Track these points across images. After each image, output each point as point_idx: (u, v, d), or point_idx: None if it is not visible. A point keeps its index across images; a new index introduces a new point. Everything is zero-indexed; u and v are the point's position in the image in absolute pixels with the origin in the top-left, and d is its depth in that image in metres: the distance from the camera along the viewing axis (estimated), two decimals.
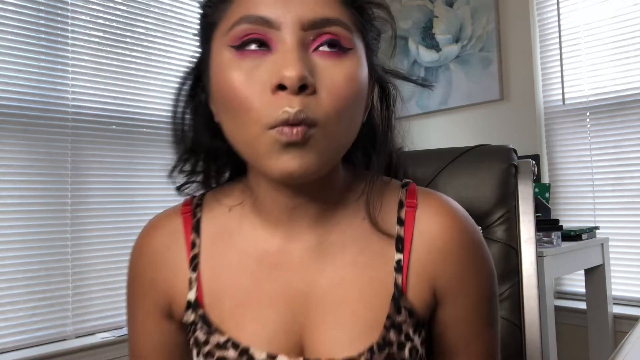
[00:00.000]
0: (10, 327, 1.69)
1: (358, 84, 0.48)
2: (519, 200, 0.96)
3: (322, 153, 0.47)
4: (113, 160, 1.97)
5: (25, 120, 1.75)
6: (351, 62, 0.48)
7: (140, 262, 0.59)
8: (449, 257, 0.54)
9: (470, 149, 1.00)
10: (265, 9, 0.46)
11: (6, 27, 1.73)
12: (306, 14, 0.46)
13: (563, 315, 2.23)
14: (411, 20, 2.82)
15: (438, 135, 2.72)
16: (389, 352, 0.51)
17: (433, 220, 0.55)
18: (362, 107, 0.52)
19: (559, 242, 1.80)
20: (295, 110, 0.44)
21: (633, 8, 2.16)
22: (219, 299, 0.54)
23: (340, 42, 0.47)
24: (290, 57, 0.45)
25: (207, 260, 0.56)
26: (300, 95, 0.45)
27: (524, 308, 0.92)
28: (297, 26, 0.46)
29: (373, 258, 0.54)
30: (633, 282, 2.17)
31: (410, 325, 0.52)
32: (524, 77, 2.42)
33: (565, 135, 2.35)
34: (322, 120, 0.46)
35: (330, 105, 0.46)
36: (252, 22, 0.46)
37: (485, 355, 0.59)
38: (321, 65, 0.47)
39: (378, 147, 0.58)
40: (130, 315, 0.60)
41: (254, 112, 0.46)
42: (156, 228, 0.61)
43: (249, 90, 0.46)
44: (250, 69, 0.46)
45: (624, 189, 2.18)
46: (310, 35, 0.47)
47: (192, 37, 0.57)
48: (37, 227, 1.76)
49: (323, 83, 0.46)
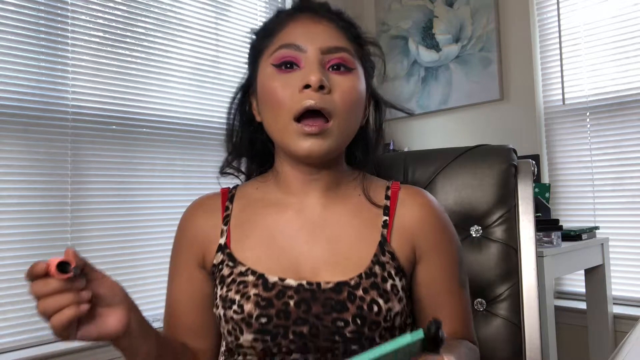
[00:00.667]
0: (10, 327, 1.69)
1: (359, 93, 0.71)
2: (518, 200, 0.97)
3: (334, 140, 0.69)
4: (113, 160, 1.97)
5: (25, 120, 1.75)
6: (354, 77, 0.71)
7: (186, 227, 0.78)
8: (425, 224, 0.74)
9: (470, 149, 1.01)
10: (297, 39, 0.70)
11: (6, 27, 1.73)
12: (324, 43, 0.70)
13: (563, 315, 2.23)
14: (411, 20, 2.82)
15: (438, 135, 2.72)
16: (373, 281, 0.68)
17: (412, 198, 0.76)
18: (361, 111, 0.74)
19: (559, 242, 1.80)
20: (315, 102, 0.66)
21: (633, 8, 2.16)
22: (242, 242, 0.73)
23: (346, 64, 0.70)
24: (313, 68, 0.68)
25: (236, 218, 0.76)
26: (319, 92, 0.67)
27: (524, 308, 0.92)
28: (318, 51, 0.69)
29: (366, 219, 0.74)
30: (633, 282, 2.17)
31: (392, 267, 0.71)
32: (524, 77, 2.42)
33: (565, 135, 2.35)
34: (334, 113, 0.68)
35: (340, 103, 0.68)
36: (288, 47, 0.69)
37: (460, 310, 0.76)
38: (334, 77, 0.69)
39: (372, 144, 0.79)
40: (172, 270, 0.79)
41: (285, 107, 0.68)
42: (200, 201, 0.80)
43: (284, 93, 0.68)
44: (285, 79, 0.69)
45: (624, 189, 2.18)
46: (326, 58, 0.70)
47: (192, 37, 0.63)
48: (37, 227, 1.76)
49: (335, 88, 0.69)
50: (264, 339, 0.66)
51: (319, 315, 0.66)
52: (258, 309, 0.66)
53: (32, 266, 0.52)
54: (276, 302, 0.67)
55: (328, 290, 0.67)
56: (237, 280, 0.69)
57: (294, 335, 0.66)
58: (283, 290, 0.67)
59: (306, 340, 0.66)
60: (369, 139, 0.79)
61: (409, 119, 2.77)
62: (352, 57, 0.71)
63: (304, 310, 0.66)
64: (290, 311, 0.66)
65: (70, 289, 0.53)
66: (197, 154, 2.22)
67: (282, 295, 0.67)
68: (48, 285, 0.52)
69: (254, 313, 0.66)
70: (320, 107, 0.66)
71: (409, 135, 2.81)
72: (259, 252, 0.71)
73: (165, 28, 2.15)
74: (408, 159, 1.05)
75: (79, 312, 0.53)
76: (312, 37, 0.69)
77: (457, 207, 0.98)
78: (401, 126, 2.81)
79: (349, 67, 0.70)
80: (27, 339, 1.72)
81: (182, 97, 2.19)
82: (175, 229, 0.80)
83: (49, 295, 0.52)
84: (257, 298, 0.67)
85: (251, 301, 0.67)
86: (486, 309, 0.94)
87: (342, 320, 0.66)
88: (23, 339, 1.71)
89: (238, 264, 0.71)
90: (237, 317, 0.67)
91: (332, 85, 0.68)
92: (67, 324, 0.53)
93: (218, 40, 2.35)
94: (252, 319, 0.66)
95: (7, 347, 1.67)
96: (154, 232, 2.04)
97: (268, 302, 0.67)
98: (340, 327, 0.66)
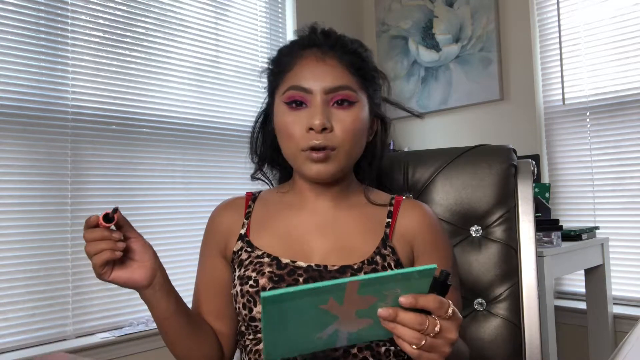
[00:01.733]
0: (10, 327, 1.69)
1: (360, 123, 0.80)
2: (518, 200, 0.97)
3: (338, 165, 0.79)
4: (113, 160, 1.97)
5: (25, 120, 1.75)
6: (355, 110, 0.80)
7: (213, 221, 0.89)
8: (423, 229, 0.83)
9: (470, 149, 1.01)
10: (304, 82, 0.79)
11: (6, 27, 1.73)
12: (327, 85, 0.78)
13: (563, 315, 2.23)
14: (411, 20, 2.82)
15: (438, 135, 2.72)
16: (374, 268, 0.77)
17: (412, 209, 0.85)
18: (364, 135, 0.83)
19: (559, 242, 1.80)
20: (319, 142, 0.76)
21: (633, 8, 2.16)
22: (260, 232, 0.84)
23: (347, 99, 0.79)
24: (317, 111, 0.77)
25: (257, 214, 0.87)
26: (323, 133, 0.77)
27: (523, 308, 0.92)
28: (322, 92, 0.78)
29: (371, 220, 0.84)
30: (633, 282, 2.17)
31: (392, 260, 0.80)
32: (524, 77, 2.42)
33: (565, 135, 2.35)
34: (337, 145, 0.78)
35: (342, 137, 0.78)
36: (297, 89, 0.79)
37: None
38: (337, 113, 0.79)
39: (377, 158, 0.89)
40: (200, 260, 0.90)
41: (295, 141, 0.78)
42: (228, 201, 0.91)
43: (294, 128, 0.78)
44: (295, 116, 0.79)
45: (624, 189, 2.18)
46: (330, 96, 0.78)
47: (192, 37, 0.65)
48: (37, 227, 1.76)
49: (337, 124, 0.78)
50: None
51: None
52: (271, 282, 0.76)
53: (88, 218, 0.70)
54: (287, 278, 0.77)
55: (334, 271, 0.77)
56: (255, 262, 0.80)
57: None
58: (294, 270, 0.77)
59: None
60: (375, 153, 0.88)
61: (409, 119, 2.77)
62: (354, 91, 0.79)
63: None
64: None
65: (110, 238, 0.69)
66: (197, 154, 2.22)
67: (292, 273, 0.77)
68: (94, 233, 0.69)
69: (267, 286, 0.76)
70: (324, 145, 0.76)
71: (409, 135, 2.81)
72: (275, 241, 0.82)
73: (165, 28, 2.15)
74: (408, 159, 1.05)
75: (112, 256, 0.69)
76: (317, 78, 0.78)
77: (457, 207, 0.98)
78: (401, 126, 2.81)
79: (350, 102, 0.79)
80: (27, 339, 1.72)
81: (182, 97, 2.19)
82: (175, 228, 0.87)
83: (95, 240, 0.69)
84: (271, 274, 0.77)
85: (265, 276, 0.77)
86: (486, 309, 0.94)
87: None
88: (23, 339, 1.71)
89: (255, 249, 0.81)
90: (252, 290, 0.77)
91: (334, 121, 0.78)
92: (103, 263, 0.70)
93: (218, 40, 2.35)
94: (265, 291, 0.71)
95: (7, 347, 1.67)
96: (154, 232, 2.04)
97: (280, 277, 0.77)
98: None
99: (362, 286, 0.52)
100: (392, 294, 0.54)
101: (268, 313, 0.51)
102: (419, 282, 0.54)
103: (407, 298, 0.54)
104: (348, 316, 0.55)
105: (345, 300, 0.53)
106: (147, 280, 0.74)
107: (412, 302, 0.54)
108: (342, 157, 0.79)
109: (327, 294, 0.52)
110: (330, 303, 0.53)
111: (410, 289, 0.55)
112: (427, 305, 0.55)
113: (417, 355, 0.56)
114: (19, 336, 1.70)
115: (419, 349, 0.56)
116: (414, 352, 0.56)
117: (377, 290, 0.53)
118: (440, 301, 0.55)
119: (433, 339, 0.56)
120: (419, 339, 0.55)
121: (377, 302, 0.55)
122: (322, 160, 0.77)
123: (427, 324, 0.55)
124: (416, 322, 0.55)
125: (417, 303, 0.55)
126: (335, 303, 0.53)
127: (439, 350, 0.57)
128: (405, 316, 0.55)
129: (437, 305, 0.55)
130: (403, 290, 0.54)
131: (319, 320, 0.55)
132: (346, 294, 0.52)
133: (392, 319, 0.55)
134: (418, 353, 0.56)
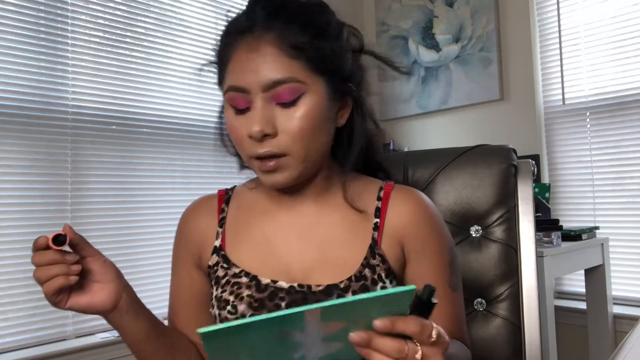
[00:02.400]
0: (10, 327, 1.69)
1: (311, 119, 0.67)
2: (518, 200, 0.96)
3: (295, 171, 0.68)
4: (113, 160, 1.97)
5: (25, 120, 1.75)
6: (303, 106, 0.66)
7: (184, 227, 0.81)
8: (414, 224, 0.73)
9: (470, 149, 1.01)
10: (239, 81, 0.67)
11: (6, 27, 1.73)
12: (262, 80, 0.65)
13: (563, 315, 2.23)
14: (411, 20, 2.82)
15: (438, 135, 2.72)
16: (363, 284, 0.69)
17: (403, 198, 0.75)
18: (325, 126, 0.70)
19: (559, 242, 1.80)
20: (263, 151, 0.66)
21: (633, 8, 2.16)
22: (236, 245, 0.75)
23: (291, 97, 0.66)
24: (255, 116, 0.66)
25: (231, 221, 0.78)
26: (265, 140, 0.66)
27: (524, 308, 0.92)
28: (259, 89, 0.66)
29: (357, 222, 0.74)
30: (633, 282, 2.17)
31: (383, 270, 0.71)
32: (524, 77, 2.42)
33: (565, 135, 2.35)
34: (286, 151, 0.67)
35: (290, 140, 0.66)
36: (234, 90, 0.68)
37: (452, 312, 0.74)
38: (281, 113, 0.66)
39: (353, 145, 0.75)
40: (172, 269, 0.82)
41: (244, 148, 0.69)
42: (198, 203, 0.82)
43: (240, 133, 0.68)
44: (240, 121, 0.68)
45: (624, 189, 2.18)
46: (269, 93, 0.66)
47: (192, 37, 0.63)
48: (37, 227, 1.76)
49: (282, 126, 0.66)
50: None
51: None
52: (251, 309, 0.69)
53: (36, 239, 0.60)
54: (268, 304, 0.69)
55: (319, 292, 0.69)
56: (232, 282, 0.72)
57: None
58: (275, 292, 0.70)
59: None
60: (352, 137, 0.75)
61: (409, 119, 2.77)
62: (299, 81, 0.66)
63: None
64: None
65: (62, 261, 0.60)
66: (197, 154, 2.22)
67: (274, 296, 0.70)
68: (44, 256, 0.60)
69: (247, 313, 0.69)
70: (269, 154, 0.66)
71: (409, 135, 2.81)
72: (253, 255, 0.74)
73: (165, 28, 2.15)
74: (408, 159, 1.05)
75: (67, 282, 0.60)
76: (251, 73, 0.66)
77: (457, 207, 0.98)
78: (401, 126, 2.81)
79: (294, 99, 0.66)
80: (27, 339, 1.72)
81: (182, 97, 2.19)
82: (175, 228, 0.82)
83: (44, 265, 0.60)
84: (250, 299, 0.70)
85: (244, 302, 0.70)
86: (486, 309, 0.94)
87: None
88: (23, 339, 1.71)
89: (232, 265, 0.73)
90: (231, 317, 0.69)
91: (279, 123, 0.66)
92: (57, 291, 0.60)
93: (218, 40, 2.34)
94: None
95: (7, 347, 1.67)
96: (154, 232, 2.04)
97: (260, 303, 0.69)
98: None
99: (325, 314, 0.44)
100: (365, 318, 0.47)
101: (212, 348, 0.44)
102: (397, 302, 0.47)
103: (382, 322, 0.46)
104: (314, 341, 0.48)
105: (307, 326, 0.45)
106: (111, 304, 0.65)
107: (388, 326, 0.46)
108: (296, 162, 0.67)
109: (283, 325, 0.44)
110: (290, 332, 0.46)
111: (387, 310, 0.47)
112: (406, 329, 0.47)
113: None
114: (19, 336, 1.70)
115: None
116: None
117: (346, 316, 0.46)
118: (421, 324, 0.47)
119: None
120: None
121: (348, 327, 0.47)
122: (273, 170, 0.68)
123: (406, 350, 0.47)
124: (393, 349, 0.47)
125: (393, 327, 0.47)
126: (294, 333, 0.46)
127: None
128: (380, 342, 0.47)
129: (418, 329, 0.47)
130: (378, 312, 0.47)
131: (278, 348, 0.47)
132: (306, 321, 0.45)
133: (366, 344, 0.47)
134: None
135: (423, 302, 0.49)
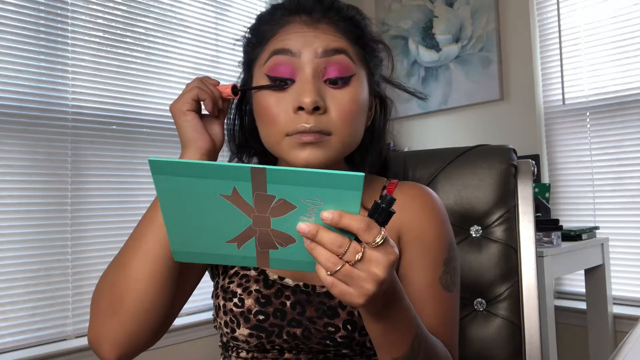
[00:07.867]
0: (10, 327, 1.69)
1: (359, 104, 0.67)
2: (518, 200, 0.96)
3: (334, 151, 0.65)
4: (113, 160, 1.97)
5: (25, 120, 1.75)
6: (352, 89, 0.66)
7: None
8: (412, 214, 0.71)
9: (470, 149, 1.01)
10: (290, 45, 0.65)
11: (6, 27, 1.73)
12: (320, 47, 0.65)
13: (563, 315, 2.23)
14: (411, 20, 2.82)
15: (438, 135, 2.72)
16: None
17: (406, 192, 0.74)
18: (364, 117, 0.70)
19: (559, 242, 1.80)
20: (310, 126, 0.63)
21: (633, 8, 2.16)
22: None
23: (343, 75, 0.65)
24: (307, 87, 0.63)
25: None
26: (314, 114, 0.63)
27: (523, 308, 0.92)
28: (313, 55, 0.64)
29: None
30: (633, 282, 2.17)
31: None
32: (524, 77, 2.42)
33: (565, 135, 2.35)
34: (333, 130, 0.64)
35: (339, 121, 0.64)
36: (282, 53, 0.65)
37: (442, 312, 0.71)
38: (330, 92, 0.65)
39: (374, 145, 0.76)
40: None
41: (279, 125, 0.64)
42: None
43: (278, 109, 0.65)
44: (279, 96, 0.65)
45: (624, 189, 2.18)
46: (322, 64, 0.64)
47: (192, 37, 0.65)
48: (37, 227, 1.76)
49: (331, 105, 0.64)
50: (259, 335, 0.68)
51: (312, 319, 0.68)
52: (258, 305, 0.69)
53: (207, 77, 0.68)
54: (274, 301, 0.69)
55: (322, 294, 0.69)
56: (240, 274, 0.72)
57: (287, 335, 0.68)
58: (281, 289, 0.70)
59: (299, 341, 0.68)
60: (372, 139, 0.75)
61: (409, 119, 2.77)
62: (351, 60, 0.66)
63: (299, 312, 0.69)
64: (286, 311, 0.69)
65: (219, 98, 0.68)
66: None
67: (280, 294, 0.70)
68: (208, 81, 0.68)
69: (253, 309, 0.69)
70: (317, 130, 0.63)
71: (409, 135, 2.81)
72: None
73: (165, 28, 2.15)
74: (408, 159, 1.05)
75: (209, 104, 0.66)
76: (307, 42, 0.64)
77: (457, 207, 0.98)
78: (401, 126, 2.81)
79: (346, 79, 0.65)
80: (27, 339, 1.72)
81: None
82: None
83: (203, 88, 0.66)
84: (257, 294, 0.69)
85: (252, 296, 0.69)
86: (486, 308, 0.94)
87: (333, 326, 0.67)
88: (23, 338, 1.71)
89: None
90: (237, 310, 0.69)
91: (328, 102, 0.64)
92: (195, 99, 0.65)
93: (218, 40, 2.34)
94: (251, 315, 0.69)
95: (7, 347, 1.67)
96: None
97: (267, 299, 0.69)
98: (331, 332, 0.67)
99: (271, 178, 0.43)
100: (314, 206, 0.45)
101: (160, 186, 0.45)
102: (348, 196, 0.44)
103: (330, 212, 0.45)
104: (263, 224, 0.47)
105: (254, 198, 0.45)
106: (219, 142, 0.69)
107: (335, 218, 0.45)
108: (338, 144, 0.65)
109: (228, 180, 0.44)
110: (235, 195, 0.45)
111: (338, 204, 0.45)
112: (352, 224, 0.45)
113: (329, 283, 0.47)
114: (19, 336, 1.70)
115: (333, 275, 0.47)
116: (327, 279, 0.47)
117: (293, 193, 0.44)
118: (368, 223, 0.45)
119: (352, 267, 0.46)
120: (335, 263, 0.46)
121: (297, 214, 0.46)
122: (312, 144, 0.63)
123: (346, 247, 0.46)
124: (335, 243, 0.45)
125: (340, 220, 0.45)
126: (241, 198, 0.45)
127: (357, 285, 0.46)
128: (324, 235, 0.46)
129: (363, 226, 0.45)
130: (327, 203, 0.45)
131: (225, 217, 0.47)
132: (253, 187, 0.44)
133: (312, 236, 0.46)
134: (331, 281, 0.47)
135: (380, 208, 0.47)
